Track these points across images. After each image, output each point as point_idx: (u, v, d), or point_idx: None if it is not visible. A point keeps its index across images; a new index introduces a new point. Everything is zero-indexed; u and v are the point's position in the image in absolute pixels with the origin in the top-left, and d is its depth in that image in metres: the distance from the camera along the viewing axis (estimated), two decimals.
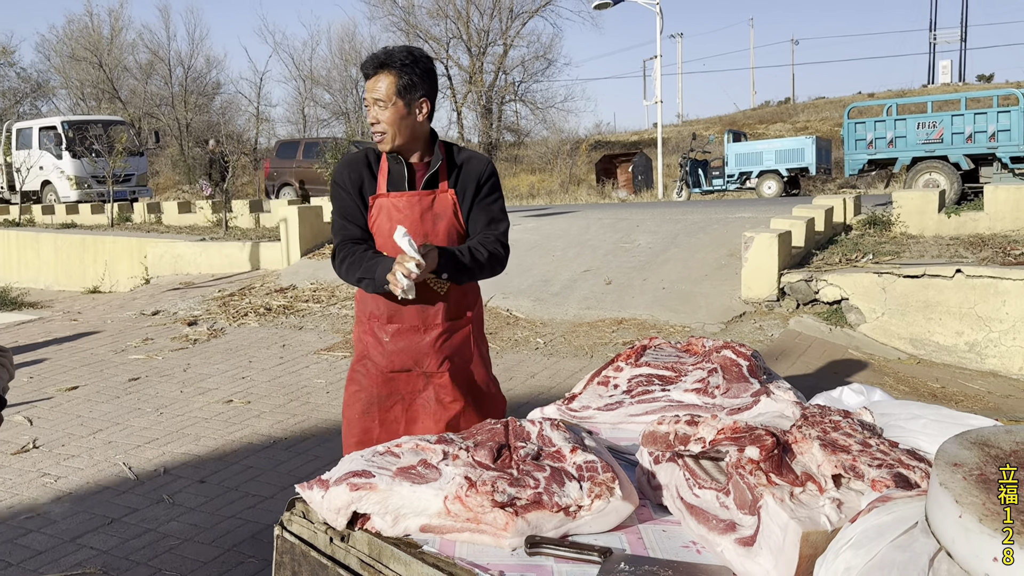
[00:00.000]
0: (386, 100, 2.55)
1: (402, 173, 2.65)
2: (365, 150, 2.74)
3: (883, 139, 15.01)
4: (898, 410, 1.78)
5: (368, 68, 2.57)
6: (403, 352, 2.67)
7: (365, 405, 2.71)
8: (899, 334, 6.81)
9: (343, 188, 2.67)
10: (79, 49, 36.70)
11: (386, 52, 2.57)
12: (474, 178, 2.73)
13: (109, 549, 3.59)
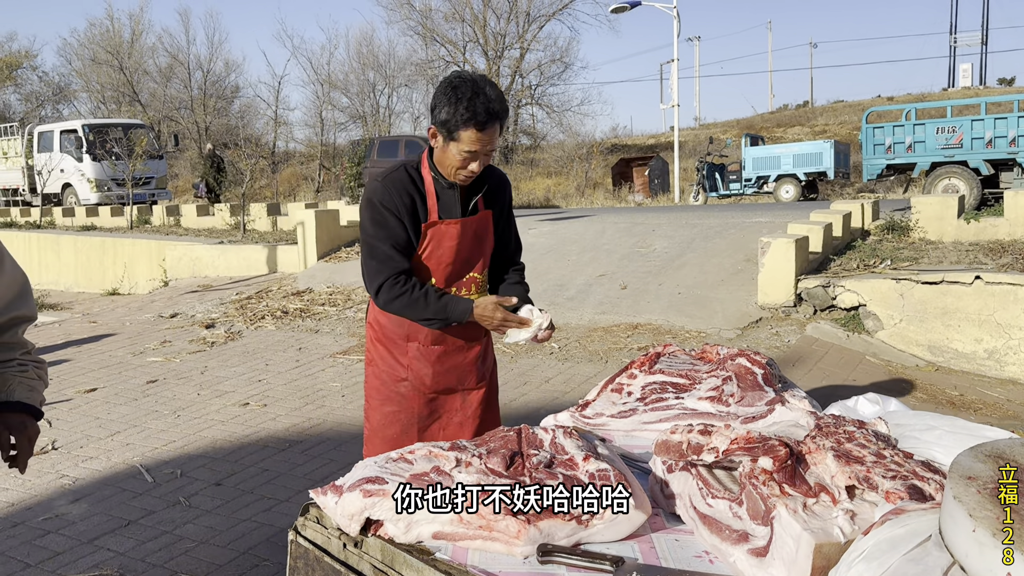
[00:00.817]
0: (495, 147, 2.47)
1: (454, 199, 2.56)
2: (405, 167, 2.56)
3: (902, 144, 14.88)
4: (913, 421, 1.77)
5: (485, 119, 2.37)
6: (448, 372, 2.66)
7: (404, 425, 2.66)
8: (917, 341, 6.76)
9: (393, 213, 2.49)
10: (100, 53, 37.09)
11: (494, 102, 2.38)
12: (503, 197, 2.73)
13: (126, 551, 3.62)
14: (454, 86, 2.37)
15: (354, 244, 11.59)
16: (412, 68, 34.86)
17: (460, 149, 2.40)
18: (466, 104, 2.33)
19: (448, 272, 2.60)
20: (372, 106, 35.46)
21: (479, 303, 2.48)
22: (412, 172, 2.54)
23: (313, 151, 34.28)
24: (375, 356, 2.70)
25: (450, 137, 2.41)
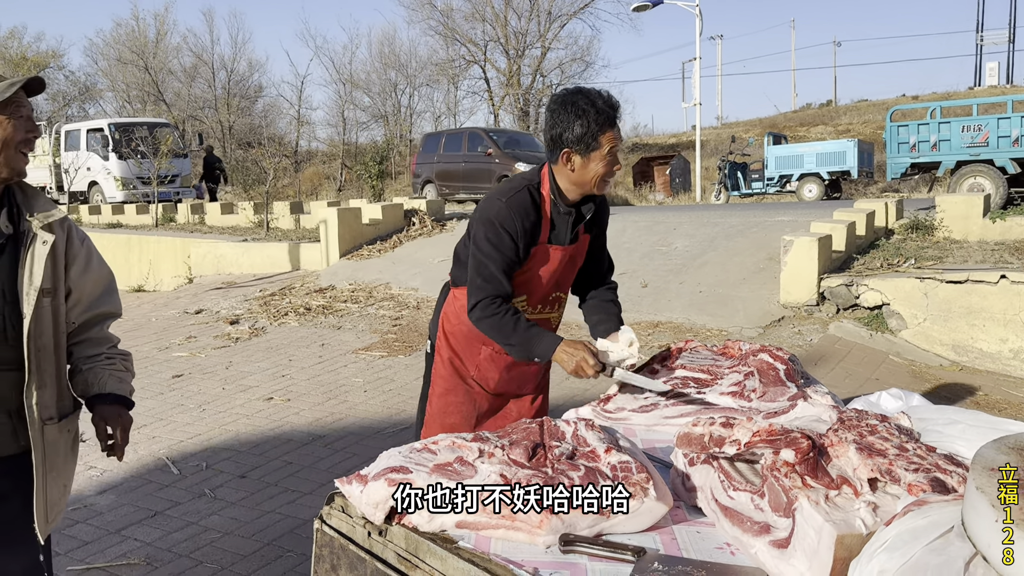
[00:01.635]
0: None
1: (566, 224, 2.57)
2: (528, 188, 2.54)
3: (927, 142, 14.73)
4: (936, 415, 1.77)
5: (615, 114, 2.45)
6: (513, 380, 2.73)
7: (466, 416, 2.71)
8: (941, 340, 6.70)
9: (512, 236, 2.47)
10: (125, 52, 37.49)
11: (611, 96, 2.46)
12: (602, 219, 2.74)
13: (152, 541, 3.68)
14: (572, 102, 2.42)
15: (375, 242, 11.66)
16: (433, 68, 34.97)
17: (603, 154, 2.43)
18: (595, 112, 2.39)
19: (540, 294, 2.63)
20: (393, 105, 35.61)
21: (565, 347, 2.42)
22: (534, 192, 2.54)
23: (335, 150, 34.51)
24: (444, 346, 2.72)
25: (590, 149, 2.42)
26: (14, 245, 2.04)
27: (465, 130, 19.75)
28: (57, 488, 2.16)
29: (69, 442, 2.20)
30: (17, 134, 1.99)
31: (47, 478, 2.10)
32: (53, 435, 2.11)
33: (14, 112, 1.98)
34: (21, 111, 2.01)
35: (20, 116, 2.00)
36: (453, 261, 2.79)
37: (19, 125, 1.99)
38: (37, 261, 2.03)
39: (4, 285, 2.02)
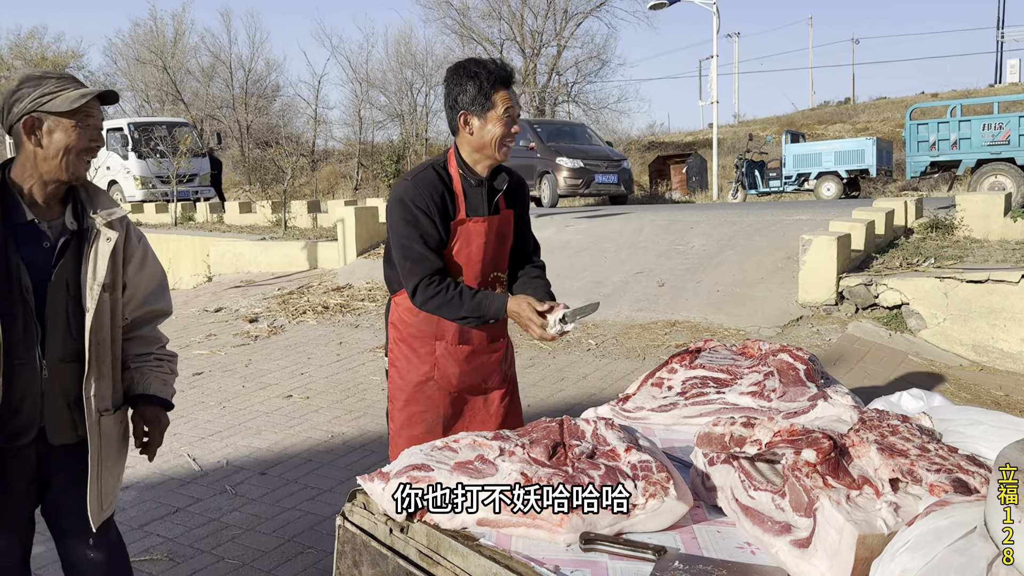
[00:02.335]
0: (519, 112, 2.56)
1: (480, 195, 2.60)
2: (433, 166, 2.60)
3: (947, 141, 14.61)
4: (958, 416, 1.77)
5: (507, 74, 2.51)
6: (475, 372, 2.67)
7: (430, 425, 2.67)
8: (961, 340, 6.65)
9: (425, 212, 2.51)
10: (144, 52, 37.74)
11: (504, 62, 2.56)
12: (523, 197, 2.76)
13: (174, 537, 3.73)
14: (463, 67, 2.52)
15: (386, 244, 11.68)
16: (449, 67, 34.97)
17: (499, 114, 2.48)
18: (486, 72, 2.47)
19: (476, 271, 2.61)
20: (410, 104, 35.65)
21: (514, 300, 2.48)
22: (440, 171, 2.57)
23: (351, 149, 34.59)
24: (398, 356, 2.70)
25: (484, 108, 2.49)
26: (78, 241, 2.12)
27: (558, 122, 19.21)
28: (112, 478, 2.24)
29: (122, 433, 2.28)
30: (81, 142, 2.05)
31: (102, 468, 2.18)
32: (109, 426, 2.19)
33: (82, 120, 2.05)
34: (89, 120, 2.07)
35: (87, 125, 2.06)
36: (384, 263, 2.77)
37: (84, 134, 2.06)
38: (100, 257, 2.10)
39: (68, 279, 2.09)
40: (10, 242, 2.03)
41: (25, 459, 2.12)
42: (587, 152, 16.54)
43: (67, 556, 2.28)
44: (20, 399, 2.07)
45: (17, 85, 2.05)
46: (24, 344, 2.04)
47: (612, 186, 16.39)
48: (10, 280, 2.01)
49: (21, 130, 2.02)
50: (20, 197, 2.07)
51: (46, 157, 2.03)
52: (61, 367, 2.10)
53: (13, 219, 2.05)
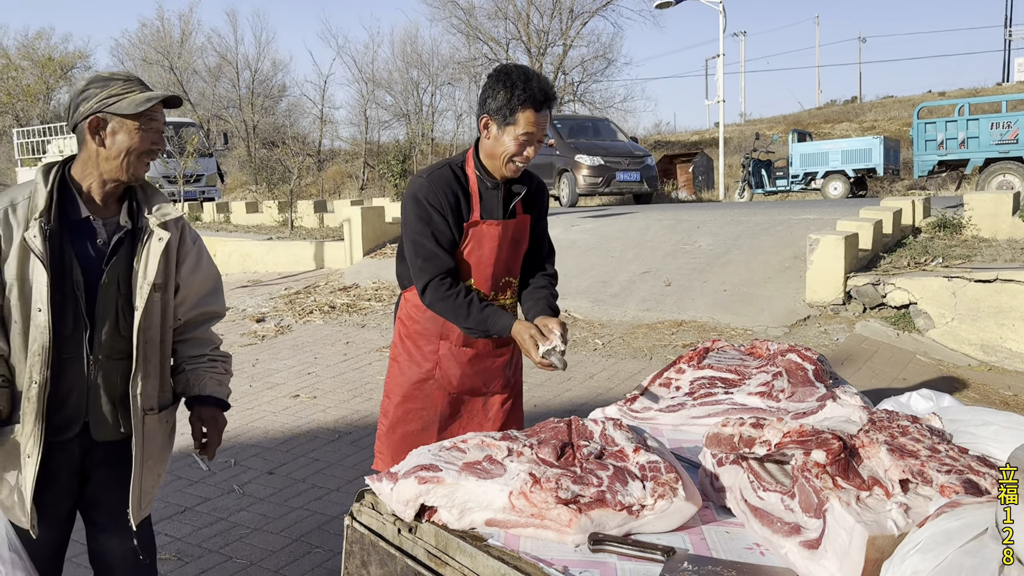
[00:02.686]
0: (543, 137, 2.48)
1: (496, 198, 2.56)
2: (450, 165, 2.57)
3: (954, 139, 14.57)
4: (968, 416, 1.76)
5: (542, 99, 2.41)
6: (476, 375, 2.65)
7: (426, 422, 2.67)
8: (969, 340, 6.62)
9: (439, 211, 2.48)
10: (151, 53, 37.83)
11: (545, 83, 2.44)
12: (541, 202, 2.72)
13: (183, 536, 3.74)
14: (507, 72, 2.42)
15: (398, 240, 11.70)
16: (455, 66, 34.97)
17: (517, 133, 2.41)
18: (523, 86, 2.37)
19: (487, 274, 2.58)
20: (416, 104, 35.66)
21: (520, 325, 2.43)
22: (457, 170, 2.54)
23: (357, 149, 34.63)
24: (400, 352, 2.70)
25: (506, 122, 2.42)
26: (131, 240, 2.15)
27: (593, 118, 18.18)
28: (151, 477, 2.26)
29: (166, 433, 2.31)
30: (143, 144, 2.09)
31: (143, 466, 2.20)
32: (152, 425, 2.21)
33: (146, 123, 2.08)
34: (152, 124, 2.10)
35: (150, 128, 2.10)
36: (396, 259, 2.76)
37: (147, 136, 2.09)
38: (152, 256, 2.13)
39: (119, 277, 2.12)
40: (65, 238, 2.07)
41: (69, 453, 2.15)
42: (608, 149, 15.90)
43: (97, 549, 2.31)
44: (67, 393, 2.11)
45: (85, 85, 2.09)
46: (73, 339, 2.09)
47: (635, 184, 15.75)
48: (63, 275, 2.05)
49: (86, 129, 2.06)
50: (78, 194, 2.11)
51: (108, 157, 2.07)
52: (108, 364, 2.13)
53: (70, 215, 2.09)
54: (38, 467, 2.07)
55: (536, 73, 2.44)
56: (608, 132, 17.31)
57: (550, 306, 2.62)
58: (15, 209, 2.05)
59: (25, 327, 2.04)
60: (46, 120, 30.60)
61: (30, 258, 2.03)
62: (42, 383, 2.04)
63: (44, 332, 2.02)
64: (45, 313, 2.02)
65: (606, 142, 16.46)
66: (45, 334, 2.02)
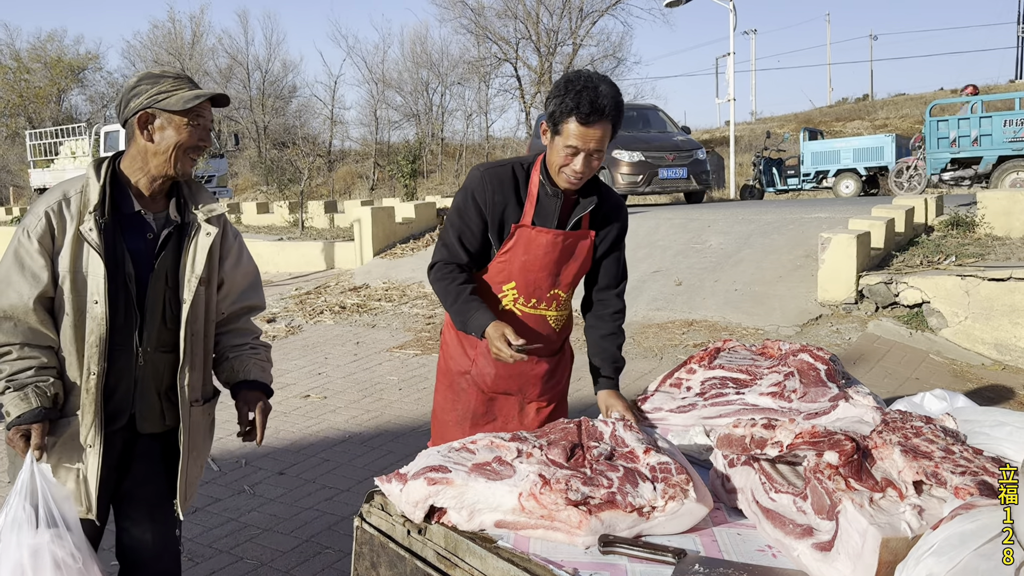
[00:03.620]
0: (602, 150, 2.34)
1: (553, 207, 2.46)
2: (512, 163, 2.49)
3: (967, 137, 14.45)
4: (982, 417, 1.74)
5: (587, 115, 2.27)
6: (511, 379, 2.61)
7: (460, 416, 2.64)
8: (983, 339, 6.57)
9: (478, 205, 2.44)
10: (162, 54, 38.00)
11: (603, 98, 2.28)
12: (618, 227, 2.62)
13: (193, 537, 3.74)
14: (569, 79, 2.34)
15: (408, 240, 11.71)
16: (465, 66, 35.01)
17: (563, 143, 2.33)
18: (573, 95, 2.27)
19: (530, 280, 2.51)
20: (425, 104, 35.71)
21: (494, 326, 2.34)
22: (519, 171, 2.47)
23: (368, 149, 34.71)
24: (448, 341, 2.69)
25: (555, 131, 2.35)
26: (180, 234, 2.19)
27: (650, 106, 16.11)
28: (196, 467, 2.30)
29: (208, 425, 2.36)
30: (191, 140, 2.12)
31: (189, 457, 2.24)
32: (197, 416, 2.26)
33: (194, 120, 2.12)
34: (200, 120, 2.14)
35: (198, 125, 2.13)
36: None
37: (195, 132, 2.13)
38: (200, 250, 2.18)
39: (168, 271, 2.17)
40: (118, 231, 2.11)
41: (112, 445, 2.17)
42: (650, 142, 13.94)
43: (128, 543, 2.32)
44: (115, 384, 2.14)
45: (136, 81, 2.12)
46: (125, 331, 2.12)
47: (681, 181, 13.88)
48: (116, 268, 2.09)
49: (135, 124, 2.09)
50: (129, 188, 2.15)
51: (156, 152, 2.10)
52: (156, 356, 2.17)
53: (122, 209, 2.13)
54: (101, 457, 2.11)
55: (600, 84, 2.30)
56: (657, 122, 15.31)
57: (614, 366, 2.64)
58: (68, 203, 2.08)
59: (77, 319, 2.08)
60: (58, 122, 30.77)
61: (84, 251, 2.06)
62: (100, 374, 2.08)
63: (102, 324, 2.06)
64: (102, 305, 2.06)
65: (650, 134, 14.55)
66: (103, 325, 2.06)
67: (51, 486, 2.03)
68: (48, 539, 1.96)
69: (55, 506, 2.02)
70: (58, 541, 1.97)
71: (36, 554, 1.95)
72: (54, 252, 2.06)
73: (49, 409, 2.05)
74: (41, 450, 2.04)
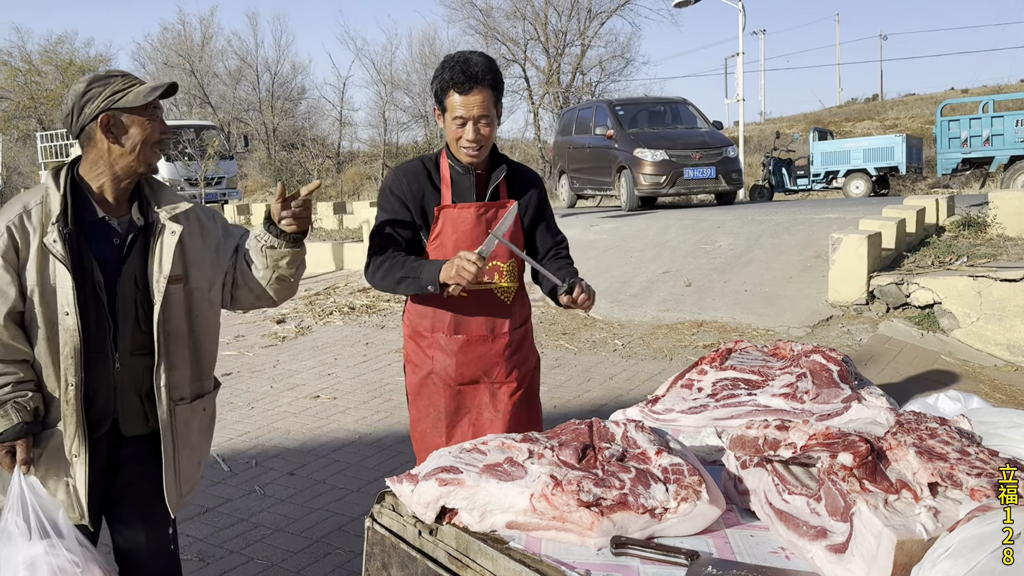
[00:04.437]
0: (489, 116, 2.48)
1: (468, 183, 2.60)
2: (420, 158, 2.66)
3: (979, 137, 14.40)
4: (998, 418, 1.73)
5: (461, 84, 2.42)
6: (472, 363, 2.63)
7: (434, 419, 2.66)
8: (996, 340, 6.53)
9: (399, 198, 2.58)
10: (172, 56, 38.20)
11: (475, 66, 2.44)
12: (536, 193, 2.73)
13: (204, 537, 3.76)
14: (444, 60, 2.49)
15: None
16: None
17: (450, 117, 2.48)
18: (448, 70, 2.43)
19: None
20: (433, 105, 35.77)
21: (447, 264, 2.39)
22: (428, 162, 2.63)
23: (376, 151, 34.77)
24: (409, 352, 2.73)
25: (442, 108, 2.50)
26: (145, 236, 2.18)
27: (595, 103, 15.21)
28: (190, 464, 2.29)
29: (205, 421, 2.34)
30: (155, 134, 2.14)
31: (179, 455, 2.24)
32: (185, 415, 2.24)
33: (152, 115, 2.13)
34: (157, 113, 2.16)
35: (156, 118, 2.15)
36: None
37: (156, 126, 2.14)
38: (166, 250, 2.16)
39: (136, 274, 2.16)
40: (83, 240, 2.10)
41: (98, 450, 2.18)
42: (675, 139, 12.90)
43: (123, 545, 2.33)
44: (94, 392, 2.14)
45: (85, 87, 2.11)
46: (98, 339, 2.12)
47: (709, 181, 12.73)
48: (85, 277, 2.08)
49: (96, 129, 2.08)
50: (90, 195, 2.14)
51: (123, 153, 2.10)
52: (132, 360, 2.16)
53: (85, 217, 2.12)
54: (88, 465, 2.11)
55: (472, 55, 2.47)
56: (687, 117, 14.20)
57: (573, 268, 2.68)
58: (30, 215, 2.07)
59: (50, 331, 2.07)
60: None
61: (50, 263, 2.05)
62: (78, 384, 2.08)
63: (74, 335, 2.05)
64: (73, 316, 2.04)
65: (676, 130, 13.56)
66: (76, 336, 2.05)
67: (40, 498, 2.04)
68: (43, 550, 1.97)
69: (45, 517, 2.02)
70: (53, 551, 1.98)
71: (33, 566, 1.95)
72: (19, 267, 2.04)
73: (31, 423, 2.05)
74: (28, 464, 2.04)
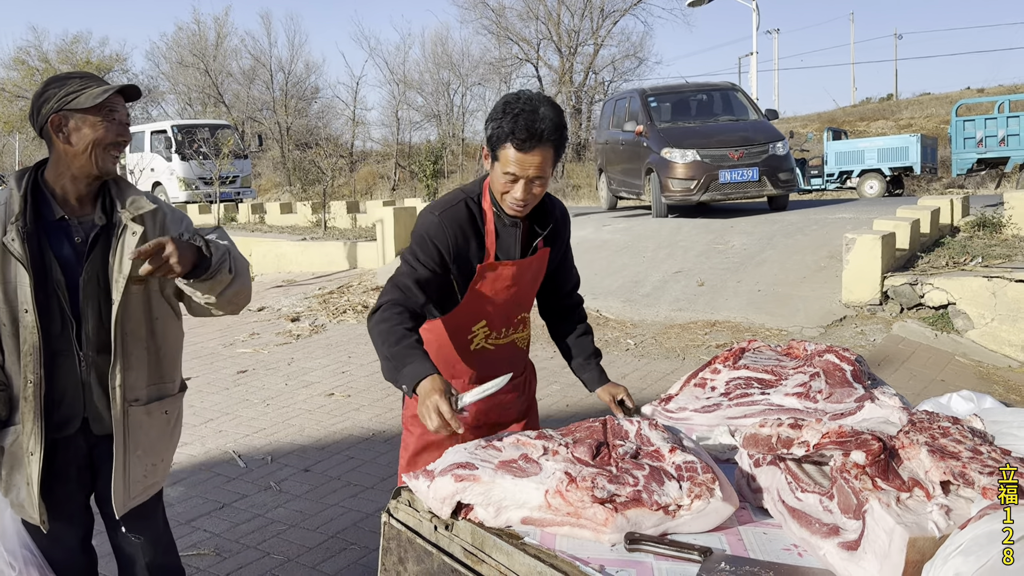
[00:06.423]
0: (544, 177, 2.21)
1: (514, 238, 2.36)
2: (464, 199, 2.33)
3: (994, 137, 14.31)
4: (1010, 418, 1.74)
5: (523, 141, 2.14)
6: (490, 411, 2.50)
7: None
8: (1010, 341, 6.50)
9: (441, 250, 2.27)
10: (186, 55, 38.38)
11: (541, 121, 2.14)
12: (564, 234, 2.54)
13: (221, 532, 3.80)
14: (508, 101, 2.20)
15: None
16: (486, 67, 35.06)
17: (501, 170, 2.20)
18: (511, 119, 2.14)
19: (501, 314, 2.45)
20: (447, 105, 35.79)
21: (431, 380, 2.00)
22: (472, 206, 2.33)
23: (389, 150, 34.86)
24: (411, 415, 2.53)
25: (494, 156, 2.22)
26: (107, 236, 2.18)
27: (628, 93, 12.99)
28: (140, 468, 2.26)
29: (164, 423, 2.33)
30: (108, 136, 2.12)
31: (129, 457, 2.22)
32: (139, 416, 2.23)
33: (107, 116, 2.11)
34: (114, 115, 2.13)
35: (113, 120, 2.13)
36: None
37: (110, 128, 2.12)
38: (127, 250, 2.15)
39: (98, 273, 2.16)
40: (43, 239, 2.12)
41: (75, 448, 2.21)
42: (711, 135, 11.01)
43: (116, 541, 2.36)
44: (63, 391, 2.16)
45: (43, 87, 2.13)
46: (63, 337, 2.14)
47: (750, 185, 10.62)
48: (44, 276, 2.11)
49: (50, 130, 2.10)
50: (52, 196, 2.15)
51: (75, 153, 2.11)
52: (98, 359, 2.18)
53: (45, 217, 2.14)
54: (42, 464, 2.12)
55: (540, 106, 2.17)
56: (737, 107, 12.17)
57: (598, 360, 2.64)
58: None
59: (14, 329, 2.10)
60: None
61: (11, 262, 2.07)
62: (36, 382, 2.09)
63: (33, 332, 2.08)
64: (32, 314, 2.07)
65: (715, 124, 11.62)
66: (34, 334, 2.08)
67: None
68: None
69: None
70: None
71: None
72: None
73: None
74: None
